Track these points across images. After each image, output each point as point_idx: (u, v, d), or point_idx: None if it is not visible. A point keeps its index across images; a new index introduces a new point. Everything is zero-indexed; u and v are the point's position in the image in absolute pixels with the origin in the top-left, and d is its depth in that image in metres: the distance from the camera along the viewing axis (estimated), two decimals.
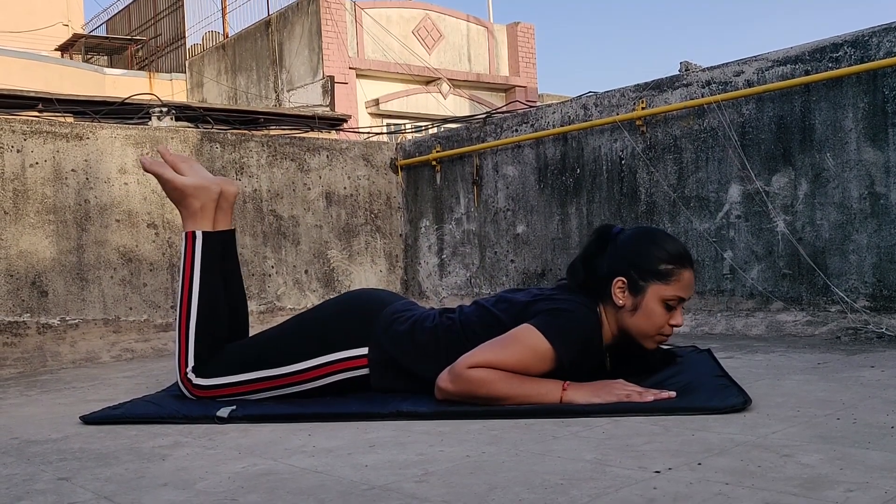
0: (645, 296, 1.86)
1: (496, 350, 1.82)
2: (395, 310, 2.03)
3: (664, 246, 1.91)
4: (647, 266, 1.87)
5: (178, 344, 2.11)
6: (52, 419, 2.11)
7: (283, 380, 2.03)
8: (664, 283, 1.86)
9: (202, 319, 2.09)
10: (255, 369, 2.04)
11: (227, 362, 2.08)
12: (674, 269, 1.86)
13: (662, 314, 1.86)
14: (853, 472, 1.22)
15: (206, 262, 2.11)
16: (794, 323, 3.10)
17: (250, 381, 2.05)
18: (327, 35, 12.67)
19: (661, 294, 1.86)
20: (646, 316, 1.86)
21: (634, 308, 1.87)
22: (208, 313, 2.10)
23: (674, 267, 1.87)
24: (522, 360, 1.80)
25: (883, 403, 1.72)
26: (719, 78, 3.41)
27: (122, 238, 3.84)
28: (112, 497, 1.33)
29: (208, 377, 2.07)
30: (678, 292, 1.86)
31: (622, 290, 1.88)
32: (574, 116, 3.98)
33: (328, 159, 4.60)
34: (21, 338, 3.50)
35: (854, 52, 3.02)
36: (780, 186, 3.22)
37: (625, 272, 1.88)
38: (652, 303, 1.86)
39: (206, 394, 2.07)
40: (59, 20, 17.06)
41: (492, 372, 1.78)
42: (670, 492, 1.18)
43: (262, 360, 2.05)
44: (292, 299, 4.35)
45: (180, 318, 2.10)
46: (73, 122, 4.33)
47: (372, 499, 1.24)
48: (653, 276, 1.86)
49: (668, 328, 1.89)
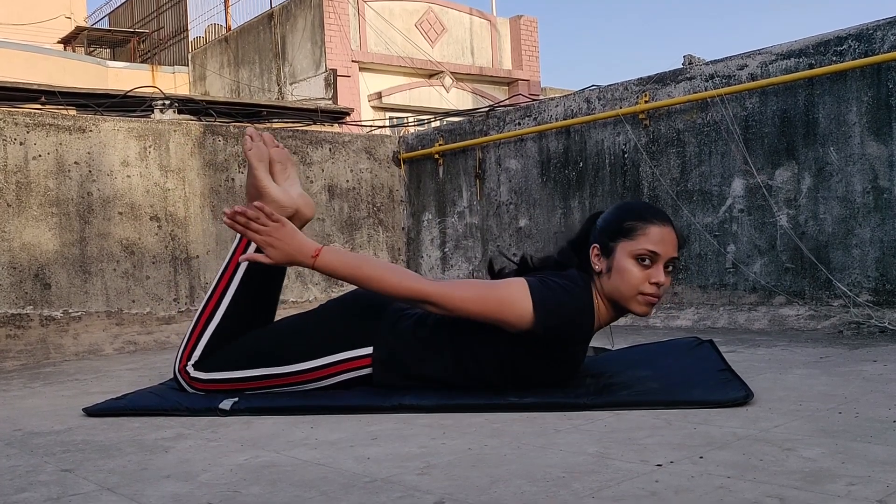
0: (614, 255, 1.87)
1: (479, 288, 1.83)
2: (398, 308, 2.02)
3: (629, 207, 1.97)
4: (613, 227, 1.90)
5: (187, 338, 2.08)
6: (55, 411, 2.12)
7: (285, 379, 2.01)
8: (629, 238, 1.86)
9: (224, 324, 2.05)
10: (257, 366, 2.02)
11: (227, 357, 2.05)
12: (637, 224, 1.87)
13: (636, 271, 1.85)
14: (855, 466, 1.22)
15: (249, 273, 2.06)
16: (796, 317, 3.10)
17: (250, 379, 2.03)
18: (330, 28, 12.66)
19: (629, 250, 1.85)
20: (619, 274, 1.86)
21: (609, 270, 1.88)
22: (232, 322, 2.06)
23: (636, 222, 1.88)
24: (500, 299, 1.80)
25: (885, 398, 1.72)
26: (723, 71, 3.40)
27: (124, 231, 3.84)
28: (115, 489, 1.33)
29: (207, 371, 2.05)
30: (646, 245, 1.85)
31: (597, 255, 1.90)
32: (577, 110, 3.98)
33: (331, 152, 4.60)
34: (24, 330, 3.51)
35: (858, 45, 3.01)
36: (784, 180, 3.22)
37: (596, 239, 1.92)
38: (622, 260, 1.86)
39: (204, 387, 2.06)
40: (62, 13, 17.05)
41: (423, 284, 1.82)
42: (672, 485, 1.18)
43: (263, 358, 2.02)
44: (294, 292, 4.35)
45: (202, 314, 2.07)
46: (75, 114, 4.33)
47: (374, 491, 1.24)
48: (619, 235, 1.88)
49: (648, 286, 1.85)
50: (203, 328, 2.06)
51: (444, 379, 1.94)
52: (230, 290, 2.06)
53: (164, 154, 4.00)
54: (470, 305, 1.80)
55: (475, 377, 1.93)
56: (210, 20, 15.75)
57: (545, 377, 1.93)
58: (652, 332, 3.30)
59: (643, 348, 2.44)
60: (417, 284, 1.81)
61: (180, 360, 2.08)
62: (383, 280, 1.82)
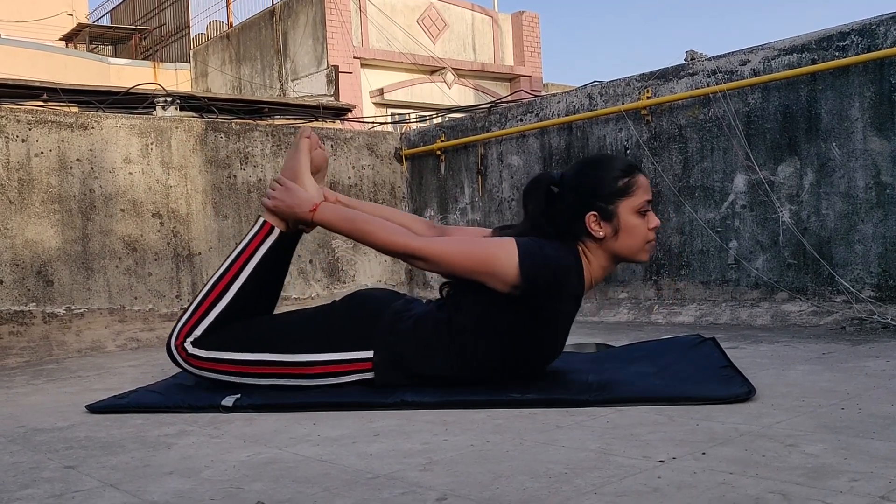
0: (619, 216, 1.91)
1: (468, 244, 1.90)
2: (396, 309, 2.02)
3: (611, 165, 1.98)
4: (608, 190, 1.92)
5: (190, 313, 2.07)
6: (57, 408, 2.12)
7: (283, 368, 2.00)
8: (628, 196, 1.92)
9: (233, 307, 2.06)
10: (257, 350, 2.01)
11: (229, 338, 2.05)
12: (630, 181, 1.93)
13: (641, 224, 1.93)
14: (857, 462, 1.22)
15: (266, 259, 2.09)
16: (798, 313, 3.10)
17: (249, 363, 2.01)
18: (331, 24, 12.65)
19: (631, 206, 1.92)
20: (629, 233, 1.92)
21: (616, 232, 1.92)
22: (242, 305, 2.07)
23: (629, 178, 1.93)
24: (487, 254, 1.85)
25: (888, 394, 1.72)
26: (725, 67, 3.40)
27: (126, 228, 3.84)
28: (118, 485, 1.33)
29: (207, 349, 2.04)
30: (644, 197, 1.93)
31: (597, 222, 1.92)
32: (579, 106, 3.97)
33: (332, 149, 4.60)
34: (27, 327, 3.51)
35: (861, 40, 3.00)
36: (786, 176, 3.21)
37: (592, 205, 1.92)
38: (629, 219, 1.91)
39: (200, 364, 2.04)
40: (64, 9, 17.04)
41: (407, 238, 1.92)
42: (674, 481, 1.18)
43: (265, 343, 2.02)
44: (297, 289, 4.35)
45: (210, 293, 2.07)
46: (77, 111, 4.34)
47: (376, 487, 1.24)
48: (617, 196, 1.92)
49: (650, 234, 1.95)
50: (210, 307, 2.06)
51: (448, 376, 1.94)
52: (244, 273, 2.08)
53: (165, 151, 4.01)
54: (459, 259, 1.87)
55: (477, 369, 1.93)
56: (212, 17, 15.75)
57: (543, 351, 1.96)
58: (654, 328, 3.30)
59: (645, 345, 2.44)
60: (407, 241, 1.90)
61: (178, 336, 2.07)
62: (375, 235, 1.94)
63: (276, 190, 2.09)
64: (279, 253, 2.13)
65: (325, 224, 2.04)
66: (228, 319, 2.07)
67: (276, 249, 2.10)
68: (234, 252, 2.11)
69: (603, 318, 3.72)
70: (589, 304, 3.85)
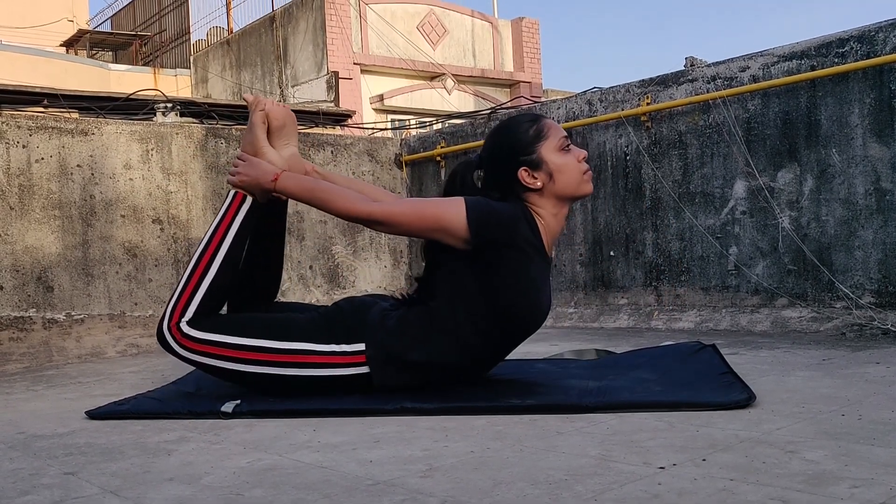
0: (546, 160, 2.00)
1: (420, 205, 2.01)
2: (382, 307, 2.06)
3: (516, 122, 2.08)
4: (524, 142, 2.02)
5: (179, 293, 2.07)
6: (57, 414, 2.12)
7: (279, 356, 1.99)
8: (545, 139, 2.01)
9: (219, 280, 2.07)
10: (253, 336, 2.01)
11: (226, 320, 2.08)
12: (539, 125, 2.03)
13: (570, 159, 2.02)
14: (858, 469, 1.22)
15: (242, 229, 2.11)
16: (798, 319, 3.10)
17: (245, 348, 2.01)
18: (331, 30, 12.67)
19: (552, 147, 2.01)
20: (562, 171, 2.00)
21: (550, 176, 1.99)
22: (228, 278, 2.09)
23: (536, 125, 2.03)
24: (437, 213, 1.92)
25: (888, 400, 1.72)
26: (724, 73, 3.40)
27: (127, 233, 3.85)
28: (118, 491, 1.33)
29: (203, 330, 2.03)
30: (559, 134, 2.03)
31: (529, 174, 2.00)
32: (579, 112, 3.98)
33: (332, 155, 4.60)
34: (27, 333, 3.51)
35: (860, 47, 3.01)
36: (786, 182, 3.22)
37: (518, 163, 2.00)
38: (555, 158, 2.00)
39: (195, 346, 2.03)
40: (64, 16, 17.08)
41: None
42: (675, 487, 1.18)
43: (262, 329, 2.03)
44: (297, 295, 4.35)
45: (195, 270, 2.07)
46: (78, 117, 4.34)
47: (377, 494, 1.24)
48: (534, 143, 2.01)
49: (582, 164, 2.03)
50: (198, 283, 2.07)
51: (441, 360, 1.97)
52: (225, 244, 2.10)
53: (166, 157, 4.01)
54: (413, 219, 1.95)
55: (466, 343, 1.96)
56: (212, 23, 15.78)
57: (523, 308, 1.98)
58: (654, 333, 3.30)
59: (645, 352, 2.44)
60: (364, 207, 1.97)
61: (171, 317, 2.06)
62: (334, 203, 2.00)
63: (239, 165, 2.12)
64: (261, 220, 2.15)
65: (286, 192, 2.07)
66: (223, 290, 2.10)
67: (252, 215, 2.13)
68: (210, 227, 2.13)
69: (603, 324, 3.72)
70: (589, 310, 3.85)
